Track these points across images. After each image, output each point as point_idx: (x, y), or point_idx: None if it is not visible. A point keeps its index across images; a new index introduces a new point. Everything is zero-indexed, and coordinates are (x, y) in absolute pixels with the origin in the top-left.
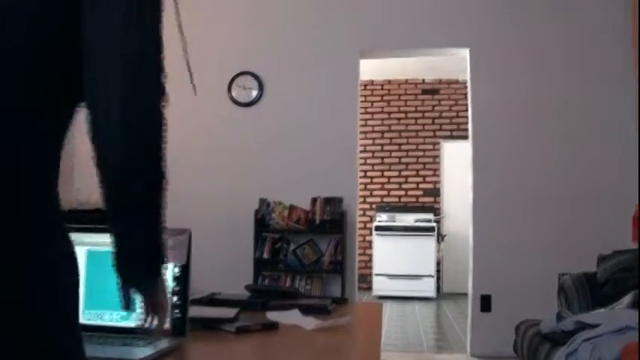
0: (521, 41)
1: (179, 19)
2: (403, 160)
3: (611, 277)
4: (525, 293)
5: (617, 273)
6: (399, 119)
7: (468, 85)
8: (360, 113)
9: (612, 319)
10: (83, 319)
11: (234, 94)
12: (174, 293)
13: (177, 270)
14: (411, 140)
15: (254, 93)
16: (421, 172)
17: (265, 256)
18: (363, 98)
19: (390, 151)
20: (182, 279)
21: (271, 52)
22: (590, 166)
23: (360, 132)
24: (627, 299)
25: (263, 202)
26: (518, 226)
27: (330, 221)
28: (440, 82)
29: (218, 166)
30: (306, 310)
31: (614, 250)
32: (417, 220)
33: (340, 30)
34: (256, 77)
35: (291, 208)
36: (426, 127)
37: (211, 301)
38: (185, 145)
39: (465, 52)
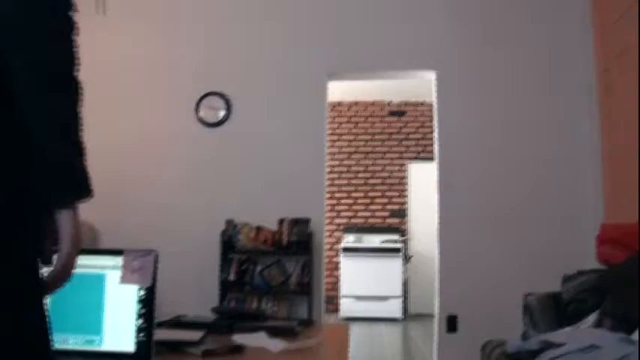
0: (486, 64)
1: None
2: (370, 181)
3: (576, 296)
4: (491, 313)
5: (582, 293)
6: (366, 141)
7: (434, 107)
8: (328, 134)
9: (577, 338)
10: None
11: (201, 114)
12: (139, 316)
13: (142, 292)
14: (378, 161)
15: (221, 113)
16: (388, 194)
17: (231, 277)
18: (330, 119)
19: (357, 172)
20: (147, 301)
21: (239, 73)
22: (555, 187)
23: (328, 153)
24: (592, 318)
25: (230, 223)
26: (483, 246)
27: (297, 242)
28: (407, 104)
29: (185, 186)
30: (273, 332)
31: (578, 270)
32: (383, 241)
33: (309, 51)
34: (224, 97)
35: (258, 229)
36: (393, 149)
37: (177, 323)
38: (152, 165)
39: (432, 75)
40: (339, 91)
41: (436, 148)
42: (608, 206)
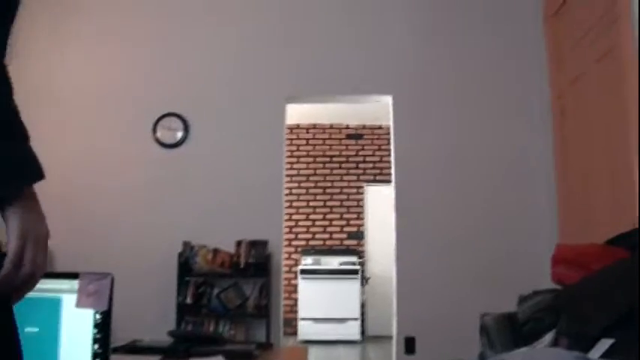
0: (442, 89)
1: None
2: (328, 203)
3: (532, 316)
4: (448, 334)
5: (537, 312)
6: (324, 163)
7: (391, 130)
8: (286, 156)
9: (534, 357)
10: None
11: (159, 135)
12: (95, 341)
13: (98, 316)
14: (335, 184)
15: (179, 134)
16: (345, 216)
17: (188, 300)
18: (289, 142)
19: (315, 195)
20: (103, 325)
21: (198, 94)
22: (510, 208)
23: (286, 175)
24: (548, 338)
25: (187, 245)
26: (440, 267)
27: (254, 265)
28: (364, 127)
29: (141, 208)
30: (231, 356)
31: (533, 290)
32: (341, 263)
33: (267, 74)
34: (182, 119)
35: (216, 251)
36: (350, 171)
37: (133, 348)
38: (108, 186)
39: (388, 99)
40: (298, 113)
41: (393, 170)
42: (563, 227)
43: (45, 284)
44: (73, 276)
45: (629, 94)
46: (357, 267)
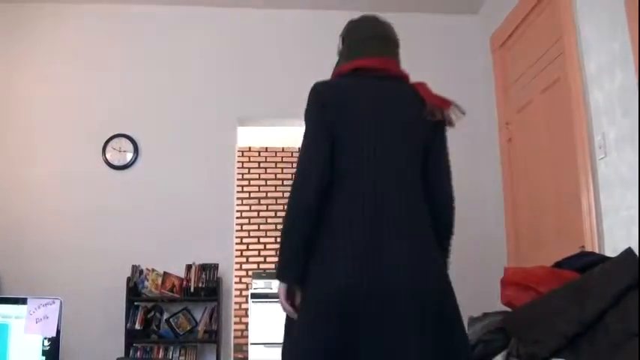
0: None
1: None
2: (279, 226)
3: (482, 338)
4: None
5: (487, 334)
6: (275, 186)
7: None
8: (237, 179)
9: None
10: None
11: (108, 156)
12: None
13: (47, 343)
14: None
15: (129, 156)
16: None
17: (137, 326)
18: (240, 165)
19: (267, 218)
20: (51, 353)
21: (148, 116)
22: (461, 232)
23: (237, 198)
24: (499, 359)
25: (136, 269)
26: None
27: (205, 289)
28: None
29: (89, 230)
30: None
31: (483, 312)
32: None
33: (219, 97)
34: (132, 140)
35: (165, 275)
36: None
37: None
38: (55, 207)
39: None
40: (249, 136)
41: None
42: (511, 250)
43: None
44: (21, 301)
45: (576, 124)
46: None
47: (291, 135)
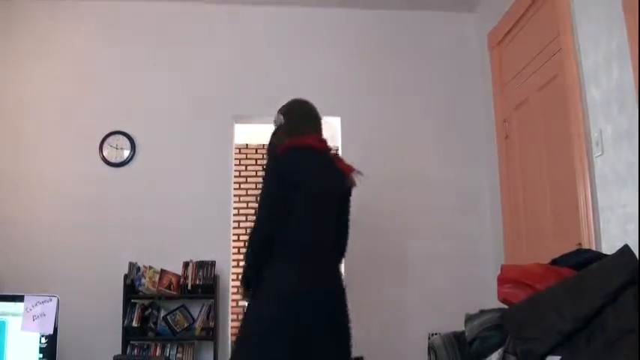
0: (387, 112)
1: None
2: None
3: (479, 335)
4: (397, 354)
5: (484, 331)
6: None
7: (339, 151)
8: (235, 176)
9: None
10: None
11: (105, 153)
12: None
13: (44, 340)
14: None
15: (126, 153)
16: None
17: (134, 323)
18: (237, 162)
19: None
20: (49, 350)
21: (145, 113)
22: (458, 230)
23: (234, 195)
24: (495, 356)
25: (133, 266)
26: (389, 288)
27: (202, 286)
28: None
29: (86, 228)
30: None
31: (480, 309)
32: None
33: (216, 94)
34: (129, 137)
35: (162, 272)
36: None
37: None
38: (52, 205)
39: (336, 121)
40: (246, 133)
41: None
42: (508, 248)
43: None
44: (18, 298)
45: (573, 121)
46: None
47: None
